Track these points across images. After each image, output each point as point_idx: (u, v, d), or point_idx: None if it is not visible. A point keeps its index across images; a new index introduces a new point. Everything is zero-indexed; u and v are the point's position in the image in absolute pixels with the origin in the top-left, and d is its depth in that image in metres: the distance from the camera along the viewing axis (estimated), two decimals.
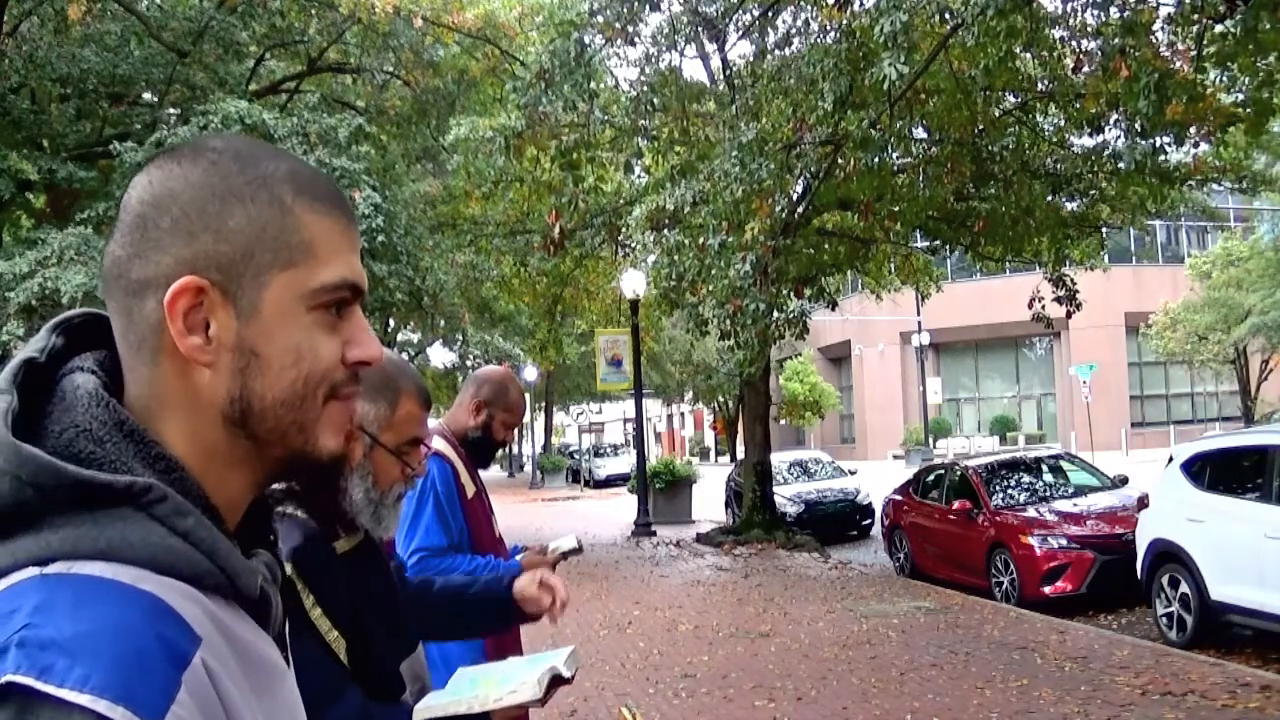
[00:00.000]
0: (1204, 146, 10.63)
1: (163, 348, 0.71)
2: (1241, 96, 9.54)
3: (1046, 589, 8.82)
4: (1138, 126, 9.19)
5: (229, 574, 0.70)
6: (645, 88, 11.70)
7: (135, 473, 0.68)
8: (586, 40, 11.01)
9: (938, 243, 15.83)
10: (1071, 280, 14.25)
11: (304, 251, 0.73)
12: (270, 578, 0.77)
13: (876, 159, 9.91)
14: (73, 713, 0.58)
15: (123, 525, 0.65)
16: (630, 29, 11.35)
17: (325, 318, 0.74)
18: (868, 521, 15.67)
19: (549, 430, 44.32)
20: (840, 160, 9.85)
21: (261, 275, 0.72)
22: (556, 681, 1.63)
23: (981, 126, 11.67)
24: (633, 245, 15.13)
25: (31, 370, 0.72)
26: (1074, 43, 10.00)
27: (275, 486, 1.62)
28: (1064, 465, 11.39)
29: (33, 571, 0.63)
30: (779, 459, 17.24)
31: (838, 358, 42.32)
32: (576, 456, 38.89)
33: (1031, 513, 9.70)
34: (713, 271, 9.96)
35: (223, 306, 0.71)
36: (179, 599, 0.65)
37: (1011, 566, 9.24)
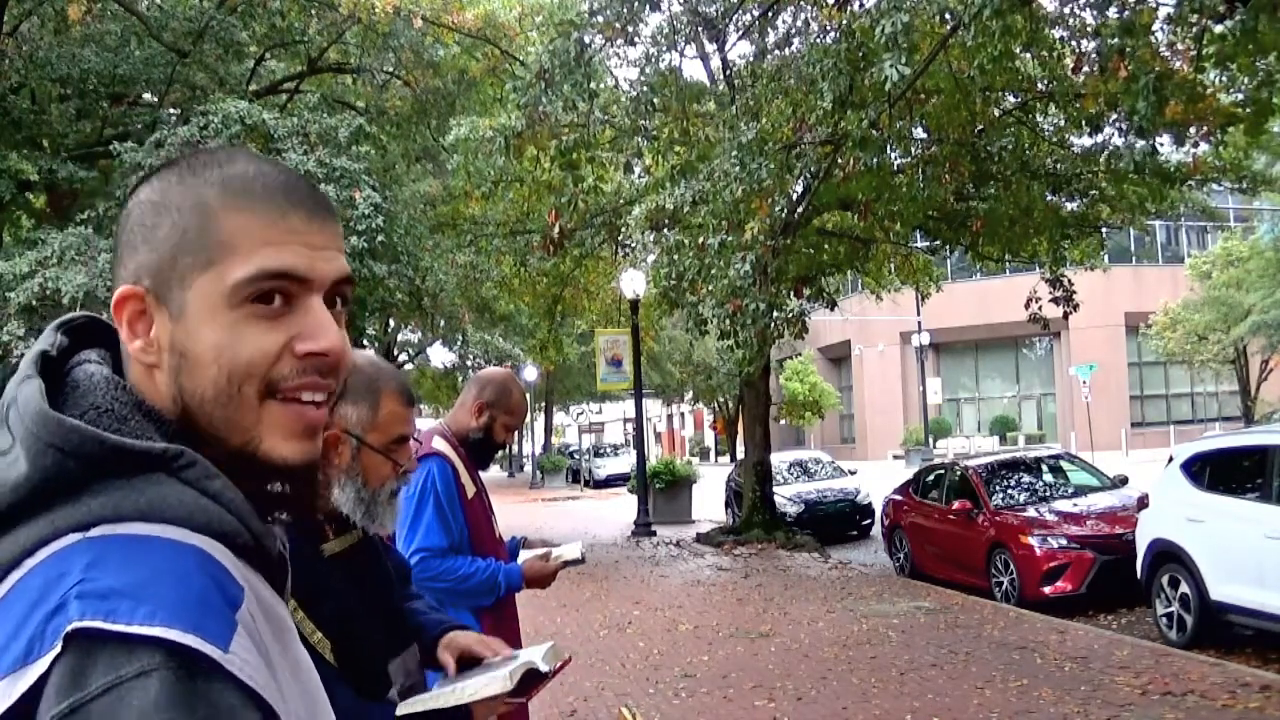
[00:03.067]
0: (1204, 146, 10.62)
1: (131, 351, 0.76)
2: (1241, 96, 9.54)
3: (1046, 589, 8.82)
4: (1136, 126, 9.18)
5: (254, 534, 0.73)
6: (645, 88, 11.69)
7: None
8: (586, 40, 11.01)
9: (937, 243, 15.83)
10: (1069, 281, 14.25)
11: (222, 250, 0.74)
12: (283, 546, 0.82)
13: (876, 159, 9.90)
14: (136, 646, 0.60)
15: (159, 488, 0.69)
16: (630, 29, 11.35)
17: (259, 311, 0.74)
18: (868, 521, 15.67)
19: (549, 430, 44.31)
20: (840, 160, 9.85)
21: (185, 278, 0.74)
22: (534, 677, 1.63)
23: (981, 126, 11.67)
24: (632, 245, 15.15)
25: (47, 361, 0.76)
26: (1073, 43, 10.00)
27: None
28: (1064, 465, 11.39)
29: (75, 537, 0.66)
30: (779, 459, 17.23)
31: (838, 358, 42.32)
32: (576, 456, 38.87)
33: (1031, 513, 9.70)
34: (712, 271, 9.96)
35: (158, 310, 0.75)
36: (218, 553, 0.69)
37: (1011, 566, 9.24)
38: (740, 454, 24.85)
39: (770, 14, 12.54)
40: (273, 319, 0.75)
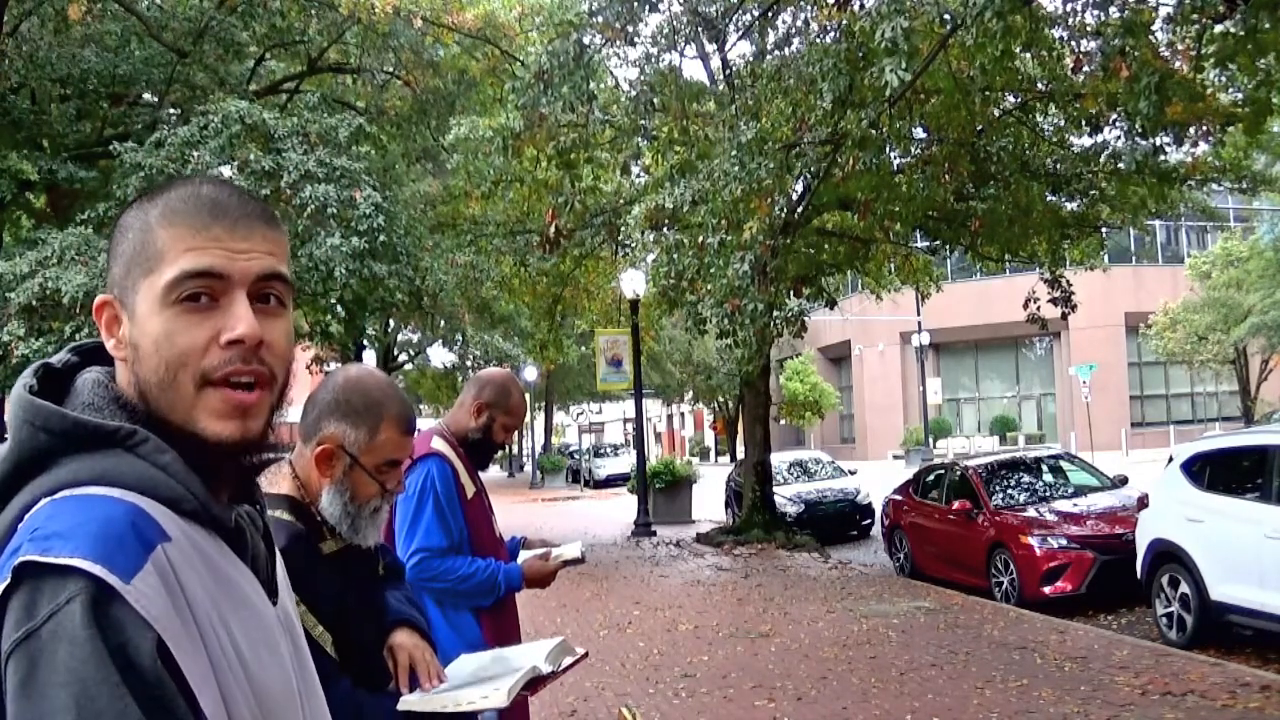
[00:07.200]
0: (1204, 146, 10.62)
1: (109, 349, 0.93)
2: (1241, 96, 9.54)
3: (1046, 589, 8.82)
4: (1138, 127, 9.18)
5: (201, 501, 0.87)
6: (645, 88, 11.69)
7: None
8: (586, 40, 11.00)
9: (937, 243, 15.82)
10: (1067, 281, 14.24)
11: (157, 259, 0.89)
12: (249, 521, 0.96)
13: (876, 159, 9.90)
14: (66, 573, 0.75)
15: (114, 459, 0.84)
16: (630, 29, 11.35)
17: (189, 309, 0.89)
18: (868, 521, 15.66)
19: (549, 430, 44.31)
20: (840, 160, 9.84)
21: (135, 285, 0.90)
22: (537, 681, 1.75)
23: (980, 126, 11.67)
24: (632, 245, 15.13)
25: (50, 371, 0.93)
26: (1074, 43, 10.00)
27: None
28: (1064, 465, 11.38)
29: (45, 500, 0.82)
30: (779, 459, 17.23)
31: (838, 358, 42.32)
32: (576, 456, 38.84)
33: (1031, 513, 9.70)
34: (711, 270, 9.95)
35: (122, 313, 0.91)
36: (156, 510, 0.83)
37: (1011, 566, 9.24)
38: (740, 454, 24.85)
39: (770, 14, 12.54)
40: (201, 315, 0.89)
